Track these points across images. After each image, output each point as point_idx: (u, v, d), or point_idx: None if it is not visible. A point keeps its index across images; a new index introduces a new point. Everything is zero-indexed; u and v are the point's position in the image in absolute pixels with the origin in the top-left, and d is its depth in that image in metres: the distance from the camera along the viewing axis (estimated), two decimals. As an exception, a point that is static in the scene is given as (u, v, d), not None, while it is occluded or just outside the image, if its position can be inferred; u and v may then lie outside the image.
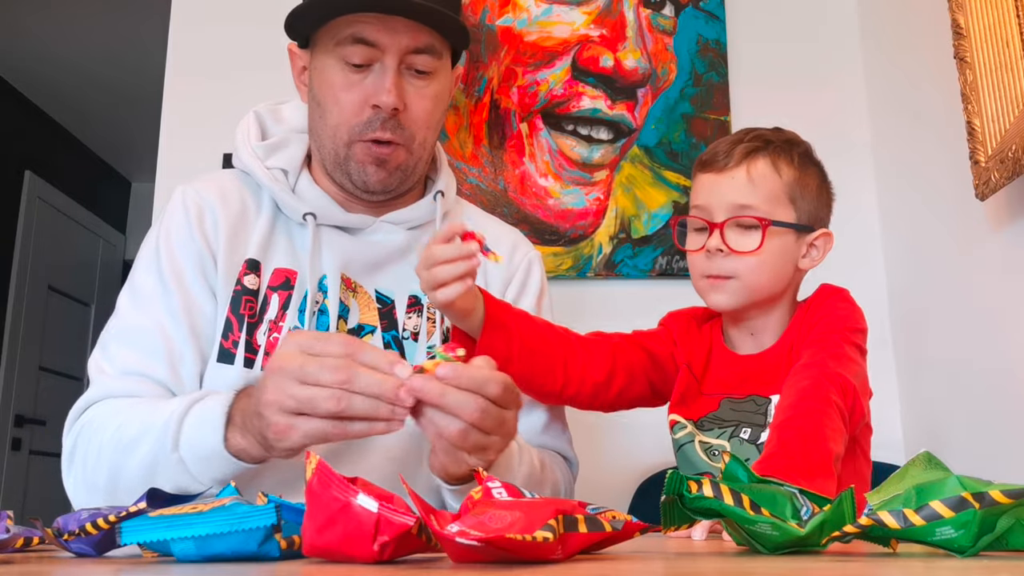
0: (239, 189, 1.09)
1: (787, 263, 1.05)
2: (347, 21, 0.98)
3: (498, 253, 0.87)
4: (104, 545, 0.63)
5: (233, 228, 1.05)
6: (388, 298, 1.08)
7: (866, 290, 1.82)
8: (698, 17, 1.93)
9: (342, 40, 0.99)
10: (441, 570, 0.48)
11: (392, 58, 0.99)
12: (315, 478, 0.52)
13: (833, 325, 1.02)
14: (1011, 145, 1.17)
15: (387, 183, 1.05)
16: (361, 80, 1.00)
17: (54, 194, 4.19)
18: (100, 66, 3.81)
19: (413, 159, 1.05)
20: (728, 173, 1.04)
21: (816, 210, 1.07)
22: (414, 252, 1.09)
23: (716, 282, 1.04)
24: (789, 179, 1.05)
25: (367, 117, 1.00)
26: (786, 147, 1.07)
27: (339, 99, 1.01)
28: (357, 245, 1.07)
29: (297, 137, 1.11)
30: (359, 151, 1.02)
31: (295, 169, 1.09)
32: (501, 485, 0.58)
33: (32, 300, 3.96)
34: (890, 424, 1.73)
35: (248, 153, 1.08)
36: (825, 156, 1.93)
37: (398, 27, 0.98)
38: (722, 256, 1.03)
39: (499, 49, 1.92)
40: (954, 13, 1.34)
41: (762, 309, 1.07)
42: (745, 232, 1.03)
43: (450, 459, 0.80)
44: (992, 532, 0.49)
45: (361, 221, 1.07)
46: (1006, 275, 1.30)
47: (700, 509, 0.57)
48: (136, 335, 1.00)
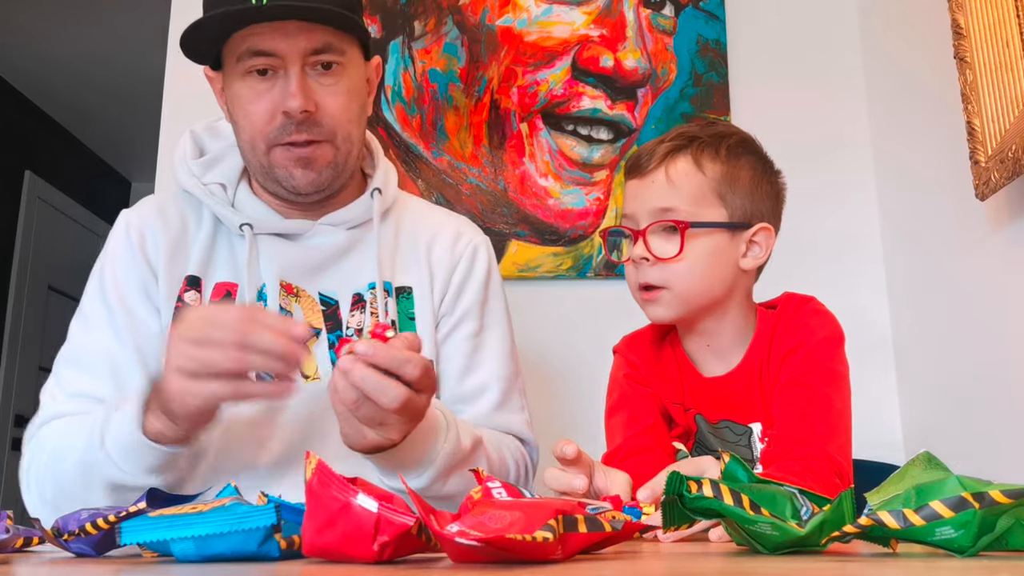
0: (178, 207, 1.11)
1: (723, 265, 0.99)
2: (242, 36, 0.99)
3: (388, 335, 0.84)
4: (104, 545, 0.63)
5: (173, 245, 1.07)
6: (332, 299, 1.08)
7: (866, 290, 1.83)
8: (698, 17, 1.93)
9: (241, 55, 1.00)
10: (441, 570, 0.48)
11: (293, 63, 0.99)
12: (315, 478, 0.52)
13: (813, 352, 0.97)
14: (1011, 145, 1.17)
15: (317, 183, 1.05)
16: (268, 89, 1.01)
17: (54, 194, 4.19)
18: (100, 66, 3.80)
19: (341, 155, 1.05)
20: (649, 177, 1.00)
21: (752, 204, 1.00)
22: (355, 251, 1.10)
23: (649, 295, 1.00)
24: (715, 175, 0.99)
25: (280, 123, 1.01)
26: (712, 141, 1.01)
27: (249, 112, 1.02)
28: (297, 250, 1.08)
29: (233, 150, 1.12)
30: (279, 156, 1.03)
31: (232, 182, 1.10)
32: (501, 485, 0.58)
33: (32, 300, 3.96)
34: (890, 424, 1.73)
35: (185, 172, 1.10)
36: (825, 156, 1.94)
37: (292, 31, 0.98)
38: (648, 265, 0.99)
39: (499, 49, 1.92)
40: (954, 13, 1.34)
41: (710, 315, 1.02)
42: (669, 237, 0.98)
43: (351, 428, 0.82)
44: (992, 532, 0.49)
45: (299, 226, 1.08)
46: (1006, 275, 1.30)
47: (700, 509, 0.56)
48: (83, 358, 1.04)
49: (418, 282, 1.12)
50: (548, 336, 1.81)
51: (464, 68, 1.91)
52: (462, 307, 1.13)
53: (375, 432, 0.82)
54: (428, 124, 1.89)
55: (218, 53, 1.04)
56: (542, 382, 1.78)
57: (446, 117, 1.89)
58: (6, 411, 3.75)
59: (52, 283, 4.12)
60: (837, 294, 1.83)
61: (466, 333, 1.13)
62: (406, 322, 1.10)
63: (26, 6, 3.38)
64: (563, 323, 1.83)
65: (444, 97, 1.90)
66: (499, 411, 1.11)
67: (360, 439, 0.83)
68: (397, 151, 1.87)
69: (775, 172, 1.05)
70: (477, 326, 1.14)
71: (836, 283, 1.79)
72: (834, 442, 0.93)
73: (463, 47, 1.92)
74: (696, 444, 1.04)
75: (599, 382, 1.17)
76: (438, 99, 1.90)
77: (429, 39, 1.93)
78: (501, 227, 1.83)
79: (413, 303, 1.11)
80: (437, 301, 1.13)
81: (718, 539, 0.71)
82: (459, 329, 1.13)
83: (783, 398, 0.97)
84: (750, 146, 1.04)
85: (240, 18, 0.98)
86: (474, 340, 1.13)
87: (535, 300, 1.82)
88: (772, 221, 1.03)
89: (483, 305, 1.15)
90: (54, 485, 0.96)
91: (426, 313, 1.11)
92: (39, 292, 4.03)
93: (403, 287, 1.11)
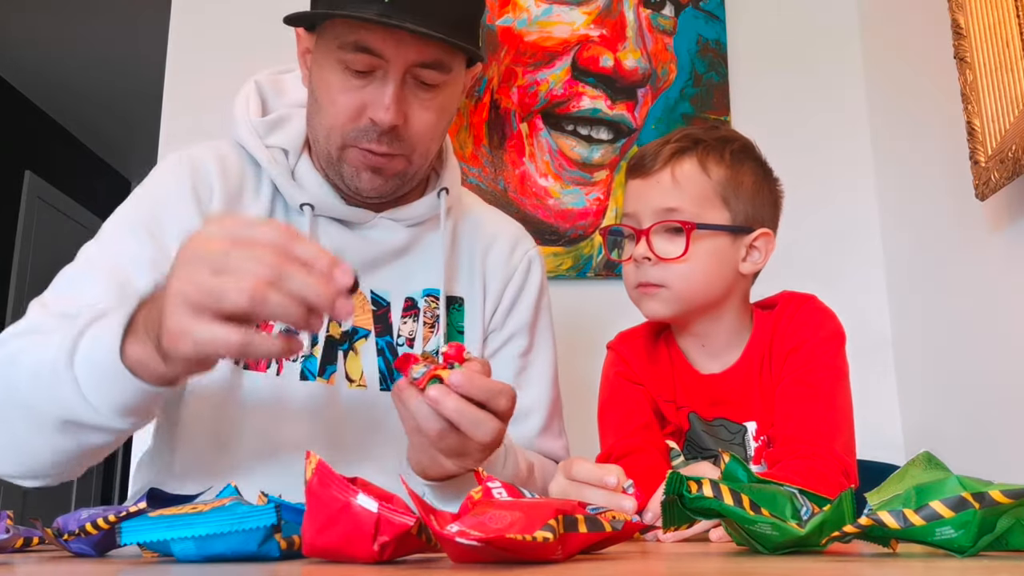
0: (240, 163, 1.02)
1: (722, 268, 0.99)
2: (353, 24, 0.91)
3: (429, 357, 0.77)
4: (104, 545, 0.63)
5: (229, 203, 0.99)
6: (384, 300, 1.03)
7: (866, 290, 1.83)
8: (698, 17, 1.93)
9: (345, 44, 0.92)
10: (441, 570, 0.48)
11: (396, 71, 0.92)
12: (315, 478, 0.52)
13: (816, 350, 0.97)
14: (1011, 145, 1.17)
15: (382, 190, 1.00)
16: (361, 87, 0.93)
17: (54, 194, 4.20)
18: (100, 66, 3.81)
19: (413, 168, 1.00)
20: (654, 177, 0.99)
21: (754, 210, 1.00)
22: (413, 251, 1.06)
23: (647, 290, 0.99)
24: (720, 178, 0.99)
25: (363, 125, 0.94)
26: (717, 145, 1.00)
27: (336, 101, 0.94)
28: (354, 240, 1.02)
29: (299, 112, 1.04)
30: (353, 156, 0.97)
31: (296, 149, 1.02)
32: (501, 485, 0.58)
33: (32, 300, 3.96)
34: (890, 424, 1.73)
35: (247, 130, 1.02)
36: (825, 155, 1.94)
37: (406, 39, 0.91)
38: (650, 264, 0.98)
39: (499, 49, 1.92)
40: (954, 13, 1.34)
41: (705, 316, 1.01)
42: (672, 238, 0.97)
43: (427, 458, 0.78)
44: (992, 532, 0.49)
45: (361, 215, 1.02)
46: (1006, 275, 1.30)
47: (700, 509, 0.56)
48: (88, 276, 0.92)
49: (469, 293, 1.08)
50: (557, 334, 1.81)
51: (465, 68, 1.91)
52: (513, 323, 1.11)
53: (453, 462, 0.77)
54: (428, 124, 1.89)
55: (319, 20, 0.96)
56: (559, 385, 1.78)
57: (447, 117, 1.89)
58: (6, 411, 3.75)
59: (52, 283, 4.12)
60: (837, 294, 1.83)
61: (515, 351, 1.10)
62: (455, 335, 1.07)
63: (26, 6, 3.38)
64: (563, 323, 1.82)
65: (444, 97, 1.90)
66: (542, 436, 1.09)
67: (438, 469, 0.78)
68: (397, 151, 1.87)
69: (775, 179, 1.05)
70: (527, 345, 1.11)
71: (836, 283, 1.79)
72: (839, 440, 0.93)
73: (463, 47, 1.92)
74: (688, 443, 1.03)
75: (599, 381, 1.17)
76: (438, 99, 1.90)
77: (429, 39, 1.93)
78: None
79: (464, 315, 1.07)
80: (488, 314, 1.09)
81: (718, 539, 0.71)
82: (509, 346, 1.10)
83: (786, 397, 0.97)
84: (752, 152, 1.04)
85: (359, 16, 0.89)
86: (523, 360, 1.11)
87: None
88: (771, 227, 1.03)
89: (534, 324, 1.13)
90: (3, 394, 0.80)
91: (476, 326, 1.07)
92: (39, 292, 4.02)
93: (455, 297, 1.07)
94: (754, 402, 1.00)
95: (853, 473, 0.92)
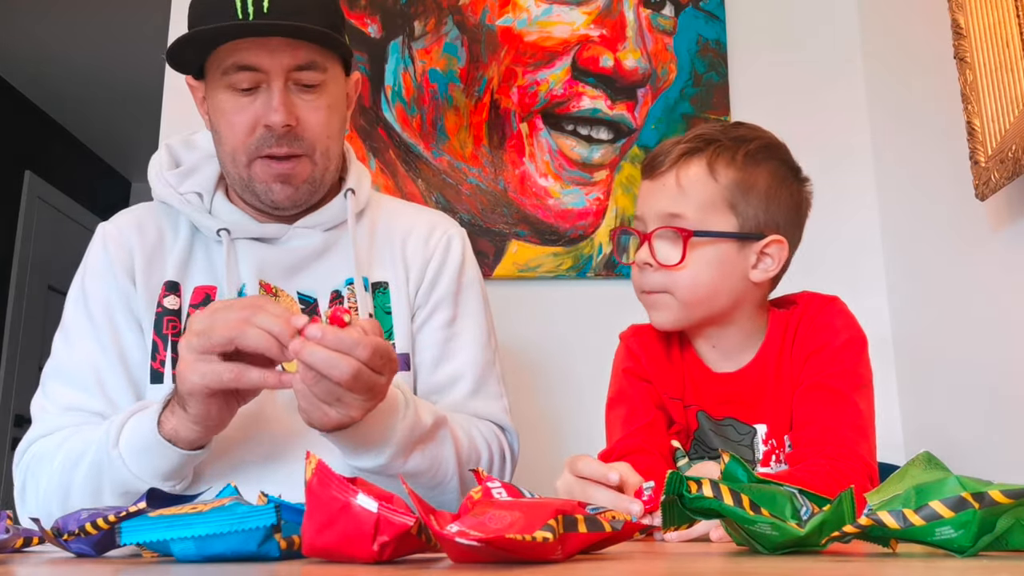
0: (155, 218, 1.13)
1: (730, 276, 0.96)
2: (227, 50, 1.01)
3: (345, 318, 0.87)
4: (104, 545, 0.63)
5: (150, 255, 1.09)
6: (311, 298, 1.10)
7: (866, 290, 1.83)
8: (698, 17, 1.93)
9: (227, 69, 1.01)
10: (441, 570, 0.48)
11: (277, 78, 1.01)
12: (315, 478, 0.52)
13: (839, 353, 0.94)
14: (1011, 145, 1.17)
15: (295, 198, 1.07)
16: (251, 103, 1.02)
17: (54, 194, 4.19)
18: (100, 66, 3.80)
19: (319, 170, 1.07)
20: (660, 179, 0.97)
21: (767, 215, 0.96)
22: (332, 251, 1.11)
23: (651, 298, 0.98)
24: (728, 182, 0.95)
25: (260, 135, 1.03)
26: (731, 146, 0.96)
27: (232, 123, 1.03)
28: (274, 252, 1.09)
29: (209, 161, 1.13)
30: (259, 170, 1.04)
31: (209, 191, 1.11)
32: (501, 485, 0.58)
33: (32, 300, 3.96)
34: (890, 424, 1.73)
35: (161, 183, 1.11)
36: (825, 156, 1.94)
37: (276, 47, 1.00)
38: (651, 270, 0.96)
39: (499, 49, 1.92)
40: (954, 13, 1.34)
41: (716, 325, 0.99)
42: (675, 243, 0.95)
43: (311, 406, 0.84)
44: (992, 532, 0.49)
45: (276, 230, 1.10)
46: (1006, 275, 1.30)
47: (700, 509, 0.56)
48: (70, 372, 1.04)
49: (394, 277, 1.13)
50: (547, 336, 1.81)
51: (464, 68, 1.91)
52: (435, 297, 1.15)
53: (335, 409, 0.84)
54: (428, 124, 1.89)
55: (201, 63, 1.06)
56: (541, 382, 1.78)
57: (446, 117, 1.89)
58: (6, 411, 3.75)
59: (52, 283, 4.12)
60: (837, 293, 1.83)
61: (439, 323, 1.14)
62: (383, 316, 1.11)
63: (26, 6, 3.38)
64: (563, 323, 1.83)
65: (444, 97, 1.90)
66: (473, 398, 1.12)
67: (321, 416, 0.85)
68: (397, 151, 1.87)
69: (799, 180, 1.01)
70: (451, 315, 1.15)
71: (836, 282, 1.78)
72: (864, 445, 0.91)
73: (463, 47, 1.92)
74: (695, 442, 1.02)
75: (599, 382, 1.16)
76: (438, 99, 1.90)
77: (429, 39, 1.93)
78: (501, 227, 1.83)
79: (389, 297, 1.12)
80: (412, 293, 1.14)
81: (718, 539, 0.71)
82: (432, 319, 1.14)
83: (808, 400, 0.94)
84: (774, 152, 0.99)
85: (228, 33, 0.99)
86: (447, 330, 1.14)
87: (535, 300, 1.82)
88: (789, 232, 0.99)
89: (457, 295, 1.16)
90: (62, 497, 0.95)
91: (402, 306, 1.12)
92: (39, 292, 4.03)
93: (379, 282, 1.13)
94: (766, 404, 0.98)
95: (876, 479, 0.90)
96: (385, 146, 1.87)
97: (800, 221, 1.02)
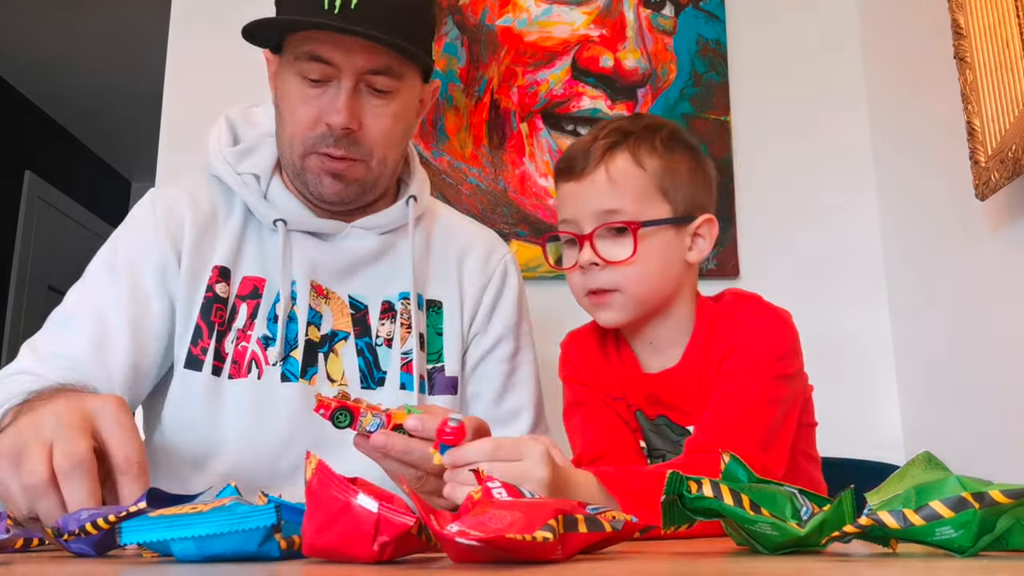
0: (210, 193, 1.09)
1: (672, 262, 0.96)
2: (305, 37, 0.98)
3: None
4: (104, 545, 0.63)
5: (201, 231, 1.05)
6: (361, 303, 1.08)
7: (866, 290, 1.83)
8: (698, 17, 1.93)
9: (300, 55, 0.99)
10: (441, 570, 0.48)
11: (348, 78, 0.98)
12: (315, 478, 0.52)
13: (748, 356, 0.91)
14: (1011, 145, 1.17)
15: (343, 195, 1.05)
16: (318, 96, 1.00)
17: (54, 194, 4.19)
18: (100, 66, 3.80)
19: (373, 175, 1.05)
20: (588, 178, 0.96)
21: (693, 196, 0.97)
22: (387, 256, 1.10)
23: (600, 299, 0.96)
24: (655, 170, 0.95)
25: (320, 132, 1.00)
26: (647, 135, 0.97)
27: (295, 111, 1.01)
28: (328, 251, 1.07)
29: (269, 140, 1.10)
30: (313, 163, 1.02)
31: (267, 173, 1.08)
32: (501, 485, 0.58)
33: (32, 300, 3.96)
34: (890, 424, 1.73)
35: (219, 159, 1.08)
36: (825, 155, 1.94)
37: (354, 47, 0.97)
38: (598, 269, 0.95)
39: (499, 49, 1.92)
40: (954, 13, 1.34)
41: (657, 316, 0.98)
42: (617, 239, 0.94)
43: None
44: (992, 532, 0.49)
45: (333, 227, 1.07)
46: (1006, 275, 1.30)
47: (700, 509, 0.57)
48: (72, 319, 1.01)
49: (448, 297, 1.12)
50: (547, 336, 1.81)
51: (464, 68, 1.91)
52: (496, 328, 1.14)
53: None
54: (428, 124, 1.89)
55: (280, 38, 1.03)
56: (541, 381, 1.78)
57: (446, 117, 1.89)
58: (6, 411, 3.75)
59: (52, 283, 4.12)
60: (837, 293, 1.84)
61: (502, 355, 1.14)
62: (434, 336, 1.10)
63: (26, 7, 3.38)
64: (562, 323, 1.82)
65: (444, 97, 1.90)
66: (535, 431, 1.13)
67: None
68: (397, 151, 1.87)
69: (706, 159, 1.02)
70: (513, 348, 1.15)
71: (836, 283, 1.79)
72: (753, 434, 0.88)
73: (463, 47, 1.92)
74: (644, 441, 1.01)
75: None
76: (438, 99, 1.90)
77: (429, 39, 1.93)
78: (501, 227, 1.83)
79: (442, 318, 1.11)
80: (467, 319, 1.13)
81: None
82: (496, 351, 1.13)
83: (715, 407, 0.92)
84: (681, 136, 1.00)
85: (306, 24, 0.96)
86: (511, 363, 1.14)
87: (535, 300, 1.80)
88: (711, 211, 1.00)
89: (518, 326, 1.16)
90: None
91: (455, 328, 1.11)
92: (39, 292, 4.03)
93: (433, 300, 1.11)
94: (696, 405, 0.97)
95: (773, 470, 0.87)
96: (385, 146, 1.87)
97: (715, 199, 1.03)
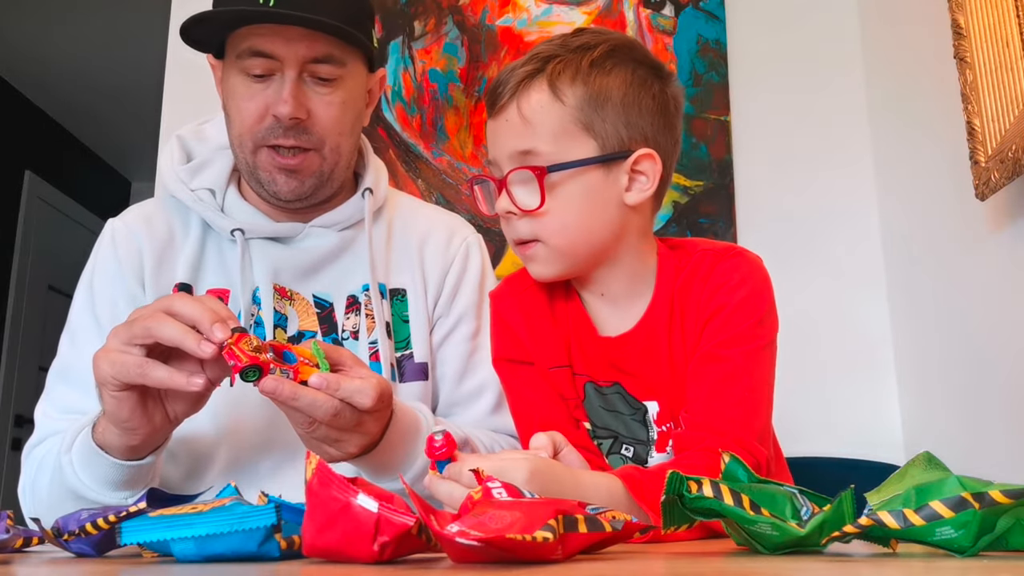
0: (165, 215, 1.09)
1: (604, 207, 0.84)
2: (244, 34, 0.98)
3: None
4: (104, 545, 0.63)
5: (159, 255, 1.06)
6: (326, 301, 1.08)
7: (866, 289, 1.83)
8: (698, 17, 1.93)
9: (241, 53, 0.99)
10: (441, 570, 0.48)
11: (291, 68, 0.98)
12: (315, 478, 0.52)
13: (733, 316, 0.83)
14: (1011, 145, 1.17)
15: (300, 191, 1.04)
16: (262, 90, 1.00)
17: (54, 194, 4.20)
18: (100, 66, 3.81)
19: (327, 165, 1.04)
20: (503, 115, 0.84)
21: (628, 128, 0.84)
22: (348, 252, 1.09)
23: (523, 250, 0.87)
24: (576, 101, 0.82)
25: (268, 124, 1.00)
26: (572, 58, 0.84)
27: (241, 109, 1.01)
28: (289, 253, 1.07)
29: (221, 154, 1.10)
30: (264, 158, 1.02)
31: (221, 187, 1.08)
32: (501, 485, 0.58)
33: (32, 300, 3.96)
34: (890, 424, 1.73)
35: (172, 178, 1.08)
36: (825, 155, 1.94)
37: (294, 37, 0.97)
38: (516, 218, 0.85)
39: (499, 49, 1.92)
40: (954, 13, 1.34)
41: (599, 265, 0.88)
42: (530, 185, 0.83)
43: (311, 446, 0.83)
44: (992, 532, 0.49)
45: (290, 229, 1.07)
46: (1006, 275, 1.30)
47: (700, 509, 0.56)
48: (74, 374, 1.02)
49: (412, 284, 1.12)
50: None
51: (464, 68, 1.91)
52: (458, 309, 1.13)
53: (334, 448, 0.83)
54: (428, 124, 1.89)
55: (221, 43, 1.03)
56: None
57: (446, 117, 1.89)
58: (6, 411, 3.75)
59: (52, 283, 4.12)
60: (837, 293, 1.84)
61: (463, 335, 1.12)
62: (400, 324, 1.10)
63: (26, 6, 3.38)
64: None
65: (444, 97, 1.90)
66: (496, 414, 1.11)
67: (325, 455, 0.84)
68: (397, 151, 1.87)
69: (662, 78, 0.88)
70: (474, 328, 1.13)
71: (836, 282, 1.79)
72: (753, 426, 0.82)
73: (463, 47, 1.92)
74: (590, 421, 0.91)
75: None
76: (438, 99, 1.90)
77: (429, 39, 1.93)
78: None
79: (407, 305, 1.11)
80: (431, 303, 1.12)
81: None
82: (456, 331, 1.12)
83: (698, 374, 0.84)
84: (624, 53, 0.86)
85: (242, 18, 0.97)
86: (472, 342, 1.13)
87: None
88: (660, 140, 0.86)
89: (479, 306, 1.15)
90: (33, 499, 0.95)
91: (420, 315, 1.10)
92: (39, 292, 4.03)
93: (397, 289, 1.11)
94: (661, 374, 0.87)
95: (765, 464, 0.81)
96: (385, 146, 1.87)
97: (671, 124, 0.88)
